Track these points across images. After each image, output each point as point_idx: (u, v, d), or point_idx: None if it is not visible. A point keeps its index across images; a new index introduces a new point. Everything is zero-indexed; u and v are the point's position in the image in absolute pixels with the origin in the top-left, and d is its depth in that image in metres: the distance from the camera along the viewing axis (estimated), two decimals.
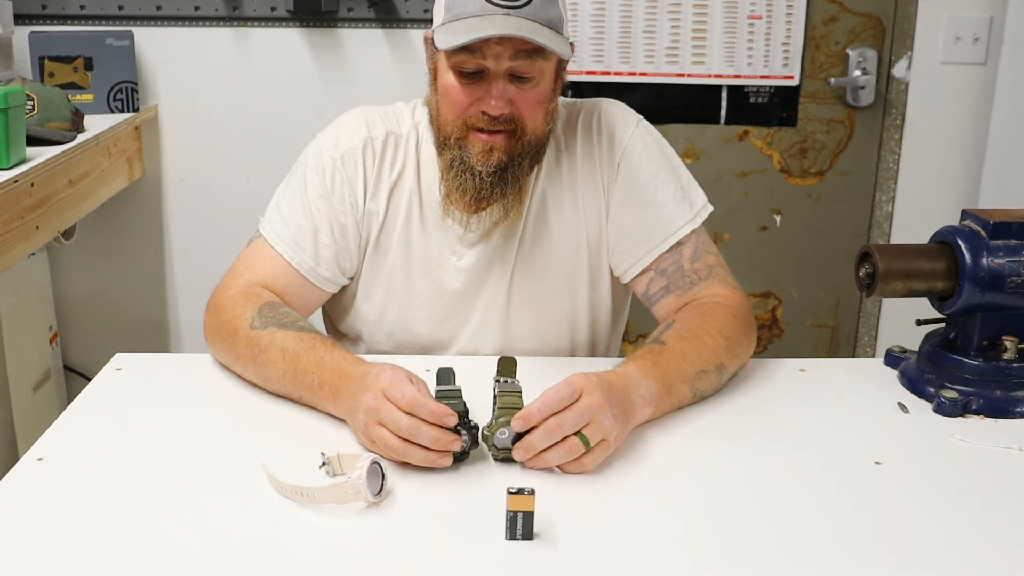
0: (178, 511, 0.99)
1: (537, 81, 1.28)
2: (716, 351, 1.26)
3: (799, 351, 2.69)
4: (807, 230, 2.63)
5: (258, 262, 1.38)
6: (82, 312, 2.56)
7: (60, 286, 2.53)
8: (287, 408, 1.22)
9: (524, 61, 1.25)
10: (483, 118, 1.28)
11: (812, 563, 0.93)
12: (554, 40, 1.24)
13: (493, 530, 0.96)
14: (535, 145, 1.32)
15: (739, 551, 0.94)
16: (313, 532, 0.96)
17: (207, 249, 2.50)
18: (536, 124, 1.31)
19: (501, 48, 1.24)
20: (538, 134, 1.32)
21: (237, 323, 1.28)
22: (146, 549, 0.93)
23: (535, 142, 1.32)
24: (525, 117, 1.29)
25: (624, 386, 1.13)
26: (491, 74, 1.26)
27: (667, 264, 1.39)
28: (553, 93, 1.32)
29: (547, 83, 1.30)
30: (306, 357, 1.20)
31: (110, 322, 2.57)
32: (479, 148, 1.29)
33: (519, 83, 1.27)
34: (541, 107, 1.30)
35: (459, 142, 1.30)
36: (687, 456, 1.13)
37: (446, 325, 1.44)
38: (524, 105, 1.28)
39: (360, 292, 1.44)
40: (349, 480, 0.98)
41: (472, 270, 1.41)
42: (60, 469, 1.08)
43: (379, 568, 0.91)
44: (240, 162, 2.47)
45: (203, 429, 1.18)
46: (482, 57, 1.25)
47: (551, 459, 1.06)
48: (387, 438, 1.06)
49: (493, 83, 1.26)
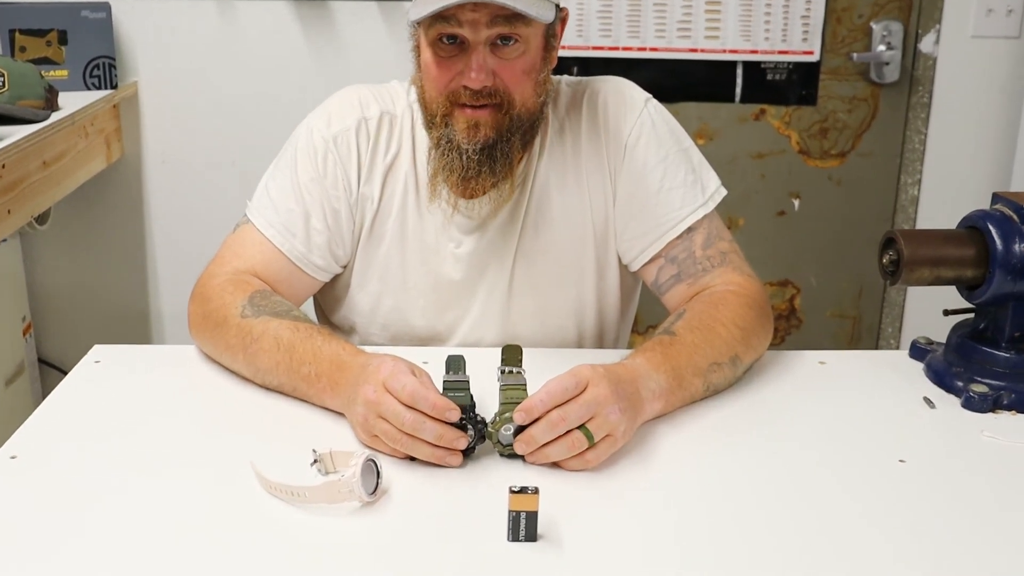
0: (160, 512, 1.00)
1: (522, 50, 1.28)
2: (730, 342, 1.27)
3: (819, 343, 2.69)
4: (827, 215, 2.63)
5: (246, 249, 1.39)
6: (57, 302, 2.56)
7: (34, 274, 2.53)
8: (277, 402, 1.23)
9: (503, 27, 1.25)
10: (466, 92, 1.27)
11: (831, 567, 0.93)
12: (533, 4, 1.23)
13: (494, 531, 0.96)
14: (526, 119, 1.32)
15: (754, 555, 0.95)
16: (304, 533, 0.97)
17: (191, 235, 2.50)
18: (525, 96, 1.30)
19: (477, 15, 1.24)
20: (528, 107, 1.31)
21: (227, 312, 1.29)
22: (125, 552, 0.93)
23: (525, 116, 1.31)
24: (511, 89, 1.28)
25: (633, 379, 1.14)
26: (471, 45, 1.26)
27: (678, 251, 1.40)
28: (543, 63, 1.32)
29: (533, 52, 1.29)
30: (302, 347, 1.21)
31: (87, 312, 2.57)
32: (464, 124, 1.29)
33: (501, 53, 1.27)
34: (529, 78, 1.30)
35: (445, 119, 1.30)
36: (699, 454, 1.14)
37: (444, 316, 1.44)
38: (509, 76, 1.28)
39: (354, 281, 1.44)
40: (342, 478, 0.98)
41: (471, 258, 1.42)
42: (35, 467, 1.08)
43: (373, 570, 0.91)
44: (226, 143, 2.47)
45: (187, 425, 1.18)
46: (458, 25, 1.24)
47: (553, 453, 1.07)
48: (391, 432, 1.07)
49: (473, 54, 1.26)
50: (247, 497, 1.02)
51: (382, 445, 1.09)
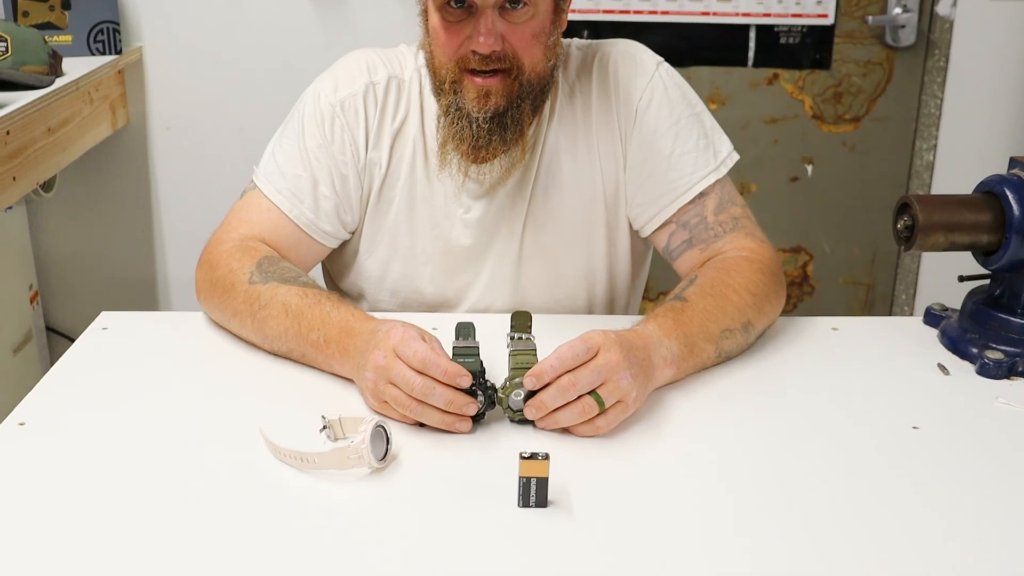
0: (169, 479, 1.00)
1: (531, 13, 1.26)
2: (742, 308, 1.26)
3: (831, 310, 2.69)
4: (841, 181, 2.62)
5: (253, 215, 1.39)
6: (64, 269, 2.57)
7: (40, 242, 2.54)
8: (286, 368, 1.23)
9: None
10: (475, 57, 1.26)
11: (844, 533, 0.94)
12: None
13: (505, 497, 0.97)
14: (536, 84, 1.31)
15: (765, 520, 0.95)
16: (313, 499, 0.97)
17: (197, 201, 2.50)
18: (535, 61, 1.29)
19: None
20: (538, 72, 1.30)
21: (235, 278, 1.29)
22: (134, 519, 0.94)
23: (535, 81, 1.31)
24: (521, 54, 1.28)
25: (644, 345, 1.14)
26: (479, 9, 1.25)
27: (689, 216, 1.39)
28: (553, 26, 1.31)
29: (543, 15, 1.28)
30: (311, 313, 1.21)
31: (94, 280, 2.58)
32: (474, 93, 1.28)
33: (510, 16, 1.26)
34: (538, 42, 1.29)
35: (454, 86, 1.29)
36: (711, 420, 1.14)
37: (453, 282, 1.44)
38: (518, 40, 1.27)
39: (362, 247, 1.44)
40: (351, 444, 0.99)
41: (480, 224, 1.41)
42: (43, 434, 1.09)
43: (383, 537, 0.92)
44: (232, 109, 2.46)
45: (195, 391, 1.19)
46: None
47: (563, 419, 1.07)
48: (400, 398, 1.07)
49: (481, 18, 1.25)
50: (256, 463, 1.03)
51: (391, 411, 1.09)
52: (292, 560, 0.88)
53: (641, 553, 0.90)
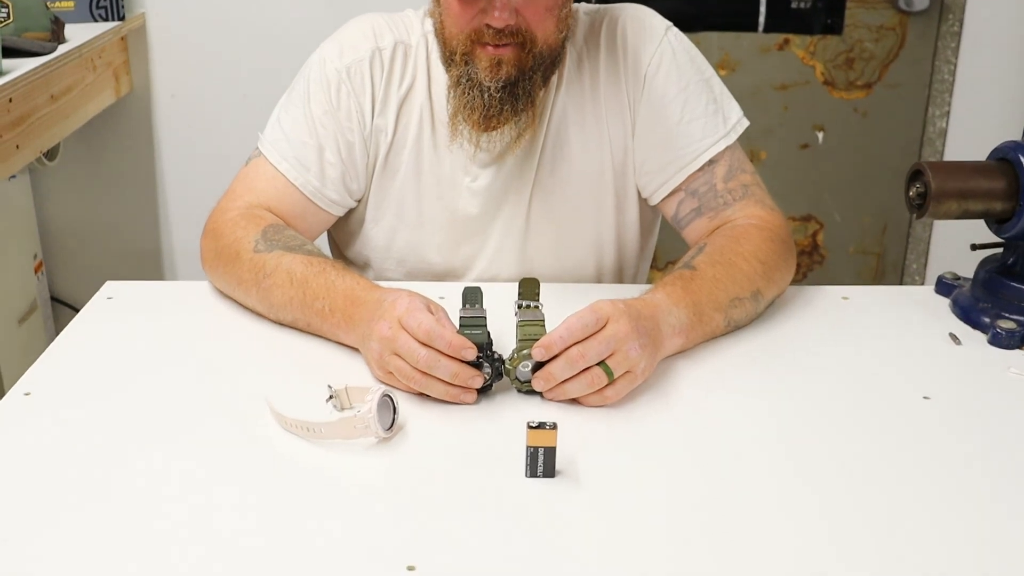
0: (175, 448, 1.01)
1: None
2: (752, 277, 1.26)
3: (842, 279, 2.68)
4: (852, 148, 2.61)
5: (258, 183, 1.38)
6: (69, 239, 2.57)
7: (44, 211, 2.54)
8: (292, 337, 1.23)
9: None
10: (488, 31, 1.26)
11: (855, 505, 0.94)
12: None
13: (512, 467, 0.97)
14: (548, 56, 1.30)
15: (773, 491, 0.95)
16: (320, 469, 0.98)
17: (202, 169, 2.50)
18: (547, 33, 1.28)
19: None
20: (550, 44, 1.30)
21: (239, 246, 1.29)
22: (140, 488, 0.94)
23: (547, 53, 1.30)
24: (534, 27, 1.27)
25: (653, 315, 1.14)
26: None
27: (698, 184, 1.39)
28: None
29: None
30: (316, 281, 1.21)
31: (99, 249, 2.58)
32: (486, 63, 1.27)
33: None
34: (551, 15, 1.28)
35: (465, 57, 1.29)
36: (719, 390, 1.14)
37: (460, 251, 1.44)
38: (532, 14, 1.26)
39: (368, 216, 1.44)
40: (358, 414, 0.99)
41: (487, 192, 1.41)
42: (49, 404, 1.09)
43: (390, 507, 0.92)
44: (237, 75, 2.45)
45: (201, 361, 1.19)
46: None
47: (572, 390, 1.07)
48: (405, 369, 1.07)
49: None
50: (263, 433, 1.03)
51: (396, 382, 1.09)
52: (299, 528, 0.88)
53: (648, 523, 0.90)
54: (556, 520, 0.91)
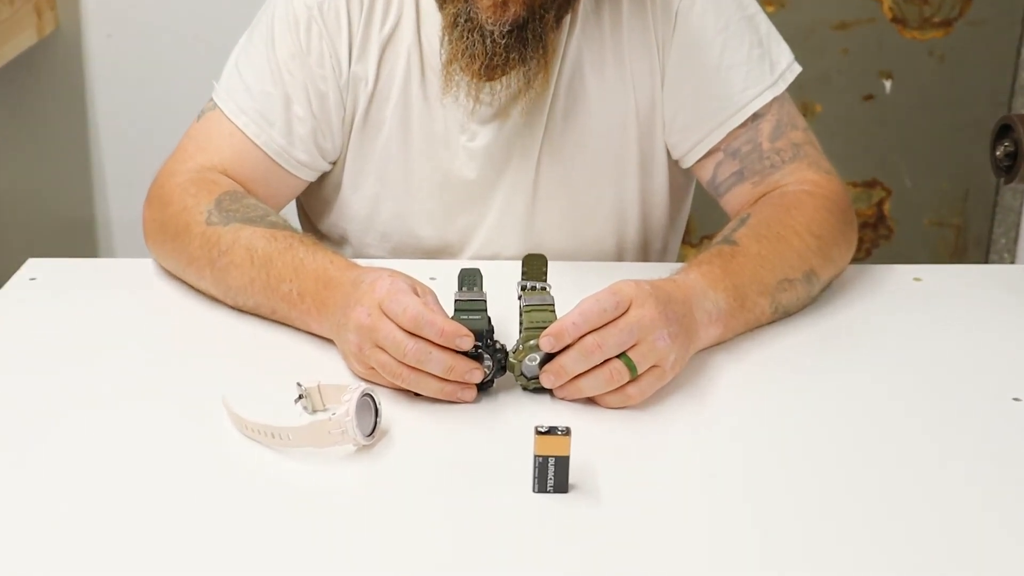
0: (113, 458, 1.01)
1: None
2: (804, 254, 1.27)
3: (913, 256, 2.69)
4: (927, 99, 2.61)
5: (212, 141, 1.39)
6: None
7: None
8: (252, 326, 1.24)
9: None
10: None
11: (928, 527, 0.93)
12: None
13: (517, 480, 0.97)
14: None
15: (831, 513, 0.95)
16: (287, 483, 0.98)
17: (145, 125, 2.50)
18: None
19: None
20: None
21: (189, 217, 1.29)
22: (71, 504, 0.94)
23: None
24: None
25: (685, 298, 1.14)
26: None
27: (740, 143, 1.39)
28: None
29: None
30: (281, 260, 1.22)
31: (20, 220, 2.59)
32: (488, 1, 1.28)
33: None
34: None
35: None
36: (765, 390, 1.14)
37: (455, 223, 1.45)
38: None
39: (345, 181, 1.45)
40: (333, 417, 0.99)
41: (488, 153, 1.41)
42: None
43: (371, 530, 0.92)
44: (186, 12, 2.45)
45: (144, 354, 1.19)
46: None
47: (587, 387, 1.08)
48: (389, 364, 1.07)
49: None
50: (218, 440, 1.04)
51: (381, 378, 1.10)
52: (261, 558, 0.88)
53: (680, 548, 0.90)
54: (570, 544, 0.91)
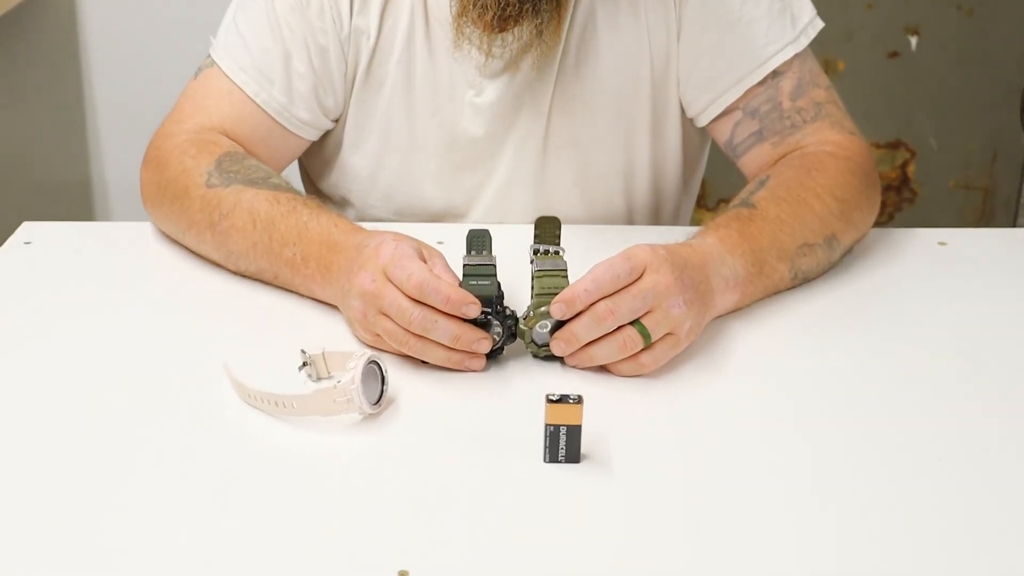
0: (110, 429, 1.01)
1: None
2: (825, 218, 1.27)
3: (938, 220, 2.68)
4: (954, 56, 2.59)
5: (211, 100, 1.39)
6: None
7: None
8: (254, 292, 1.25)
9: None
10: None
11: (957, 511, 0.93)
12: None
13: (528, 450, 0.98)
14: None
15: (851, 489, 0.95)
16: (290, 454, 0.98)
17: (141, 83, 2.49)
18: None
19: None
20: None
21: (188, 180, 1.30)
22: (73, 475, 0.95)
23: None
24: None
25: (701, 264, 1.14)
26: None
27: (760, 101, 1.39)
28: None
29: None
30: (284, 223, 1.22)
31: (14, 183, 2.58)
32: None
33: None
34: None
35: None
36: (784, 358, 1.15)
37: (461, 183, 1.45)
38: None
39: (347, 139, 1.45)
40: (338, 385, 1.00)
41: (496, 109, 1.41)
42: None
43: (378, 500, 0.92)
44: None
45: (143, 321, 1.20)
46: None
47: (599, 355, 1.08)
48: (395, 332, 1.08)
49: None
50: (220, 409, 1.04)
51: (387, 345, 1.10)
52: (264, 529, 0.89)
53: (695, 520, 0.91)
54: (582, 515, 0.91)
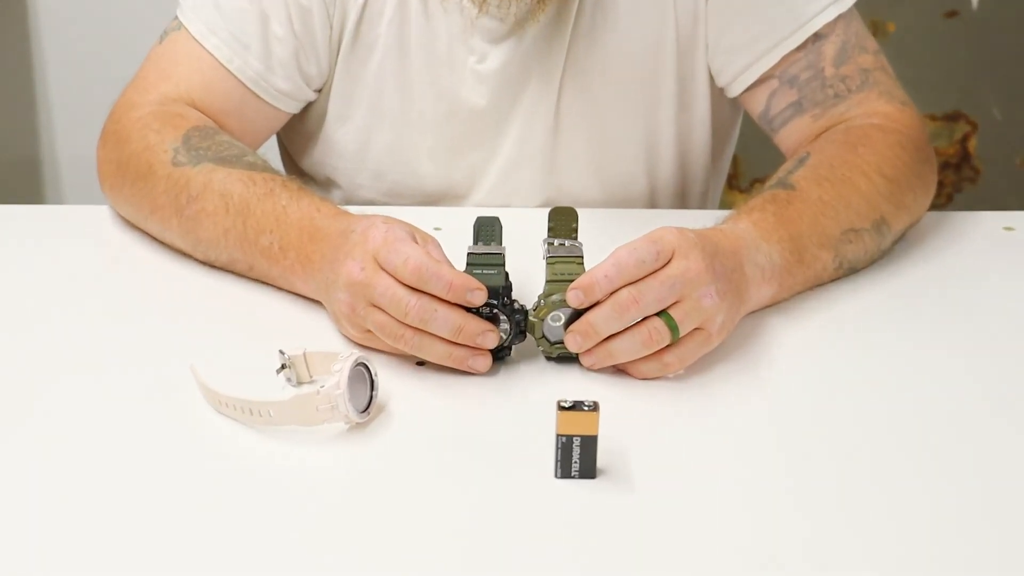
0: (64, 437, 1.01)
1: None
2: (873, 199, 1.27)
3: (1004, 201, 2.68)
4: (1021, 14, 2.59)
5: (178, 67, 1.39)
6: None
7: None
8: (228, 284, 1.25)
9: None
10: None
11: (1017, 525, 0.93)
12: None
13: (537, 464, 0.97)
14: None
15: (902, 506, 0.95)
16: (267, 468, 0.98)
17: (98, 48, 2.49)
18: None
19: None
20: None
21: (152, 157, 1.30)
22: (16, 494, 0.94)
23: None
24: None
25: (735, 251, 1.14)
26: None
27: (799, 68, 1.39)
28: None
29: None
30: (260, 207, 1.22)
31: None
32: None
33: None
34: None
35: None
36: (827, 359, 1.15)
37: (462, 160, 1.45)
38: None
39: (331, 111, 1.45)
40: (322, 390, 0.99)
41: (500, 76, 1.41)
42: None
43: (367, 521, 0.92)
44: None
45: (100, 316, 1.20)
46: None
47: (620, 350, 1.07)
48: (389, 326, 1.07)
49: None
50: (186, 417, 1.04)
51: (379, 343, 1.10)
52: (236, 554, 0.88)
53: (724, 545, 0.90)
54: (597, 538, 0.91)
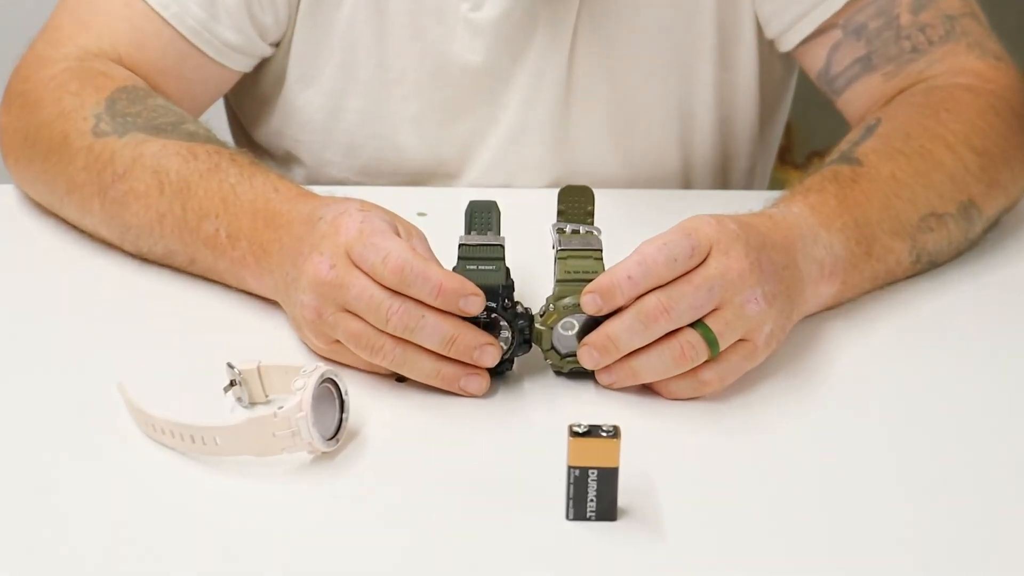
0: None
1: None
2: (960, 178, 1.27)
3: None
4: None
5: (100, 15, 1.39)
6: None
7: None
8: (163, 281, 1.25)
9: None
10: None
11: None
12: None
13: (544, 503, 0.97)
14: None
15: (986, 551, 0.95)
16: (213, 508, 0.98)
17: None
18: None
19: None
20: None
21: (68, 126, 1.30)
22: None
23: None
24: None
25: (786, 242, 1.15)
26: None
27: (867, 15, 1.40)
28: None
29: None
30: (203, 186, 1.22)
31: None
32: None
33: None
34: None
35: None
36: (902, 375, 1.15)
37: (452, 130, 1.46)
38: None
39: (292, 71, 1.46)
40: (280, 413, 1.00)
41: (500, 28, 1.42)
42: None
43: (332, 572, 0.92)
44: None
45: (4, 321, 1.21)
46: None
47: (647, 369, 1.08)
48: (364, 335, 1.07)
49: None
50: (113, 445, 1.04)
51: (350, 357, 1.10)
52: None
53: None
54: None
